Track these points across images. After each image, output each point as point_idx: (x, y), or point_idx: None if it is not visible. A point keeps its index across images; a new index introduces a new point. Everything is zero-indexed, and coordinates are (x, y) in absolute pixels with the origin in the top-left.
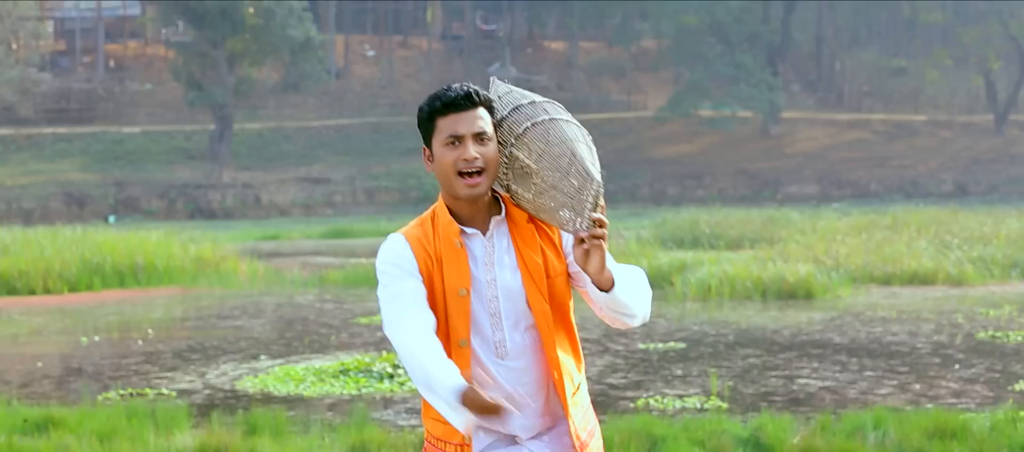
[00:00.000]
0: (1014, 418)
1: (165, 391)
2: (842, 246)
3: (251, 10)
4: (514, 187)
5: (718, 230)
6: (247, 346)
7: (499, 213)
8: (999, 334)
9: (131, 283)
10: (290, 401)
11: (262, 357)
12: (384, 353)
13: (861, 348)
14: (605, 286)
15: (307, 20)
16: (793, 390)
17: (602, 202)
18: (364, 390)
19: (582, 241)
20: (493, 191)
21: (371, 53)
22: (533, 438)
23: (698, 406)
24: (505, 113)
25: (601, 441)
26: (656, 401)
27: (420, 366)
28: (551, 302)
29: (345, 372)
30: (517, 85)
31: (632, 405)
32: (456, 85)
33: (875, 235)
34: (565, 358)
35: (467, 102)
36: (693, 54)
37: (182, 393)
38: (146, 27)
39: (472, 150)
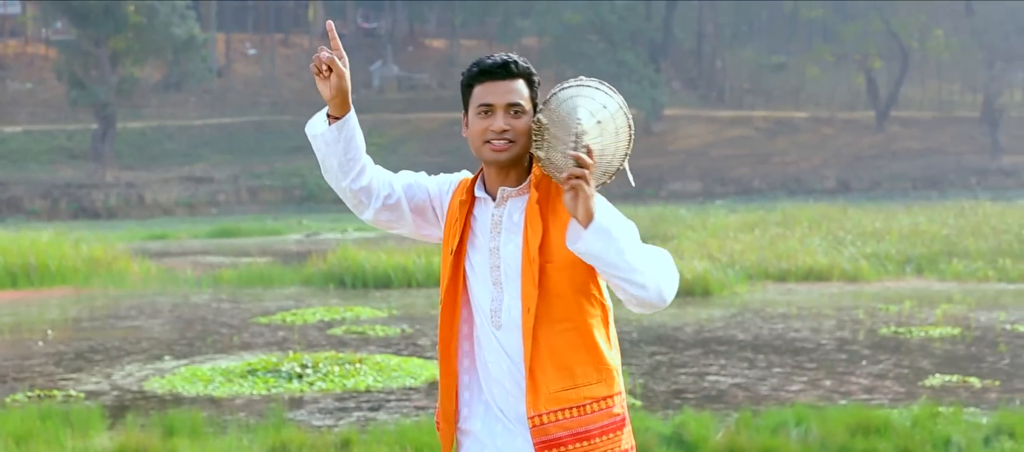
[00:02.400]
0: (933, 413)
1: (73, 392)
2: (735, 243)
3: (133, 8)
4: (539, 153)
5: None
6: (149, 346)
7: (518, 186)
8: (902, 330)
9: (24, 284)
10: (200, 402)
11: (166, 358)
12: (291, 353)
13: (766, 345)
14: (586, 223)
15: (190, 18)
16: (705, 387)
17: (584, 142)
18: (274, 390)
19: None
20: (528, 166)
21: (252, 51)
22: (517, 419)
23: None
24: (551, 91)
25: None
26: None
27: None
28: (544, 285)
29: (253, 372)
30: (399, 83)
31: None
32: (498, 54)
33: (767, 232)
34: (563, 350)
35: (503, 71)
36: (576, 52)
37: (90, 394)
38: (27, 26)
39: (501, 121)
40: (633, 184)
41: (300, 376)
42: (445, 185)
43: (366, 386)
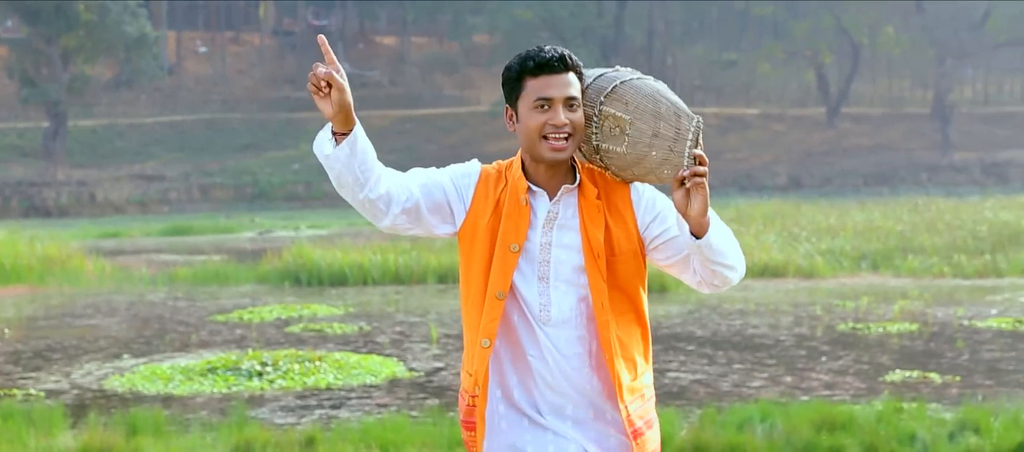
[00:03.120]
0: (897, 409)
1: (33, 392)
2: None
3: (84, 7)
4: (604, 146)
5: None
6: (107, 345)
7: (573, 182)
8: (859, 326)
9: None
10: (161, 400)
11: (125, 356)
12: (250, 351)
13: (725, 341)
14: (703, 232)
15: (142, 16)
16: (666, 383)
17: (702, 139)
18: (234, 388)
19: (682, 183)
20: (572, 160)
21: (203, 49)
22: (561, 418)
23: None
24: (591, 79)
25: (659, 434)
26: None
27: None
28: (610, 280)
29: (213, 370)
30: (350, 81)
31: None
32: (549, 47)
33: None
34: (627, 341)
35: (561, 65)
36: (527, 48)
37: (50, 393)
38: None
39: (562, 115)
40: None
41: (260, 374)
42: (462, 176)
43: (326, 384)
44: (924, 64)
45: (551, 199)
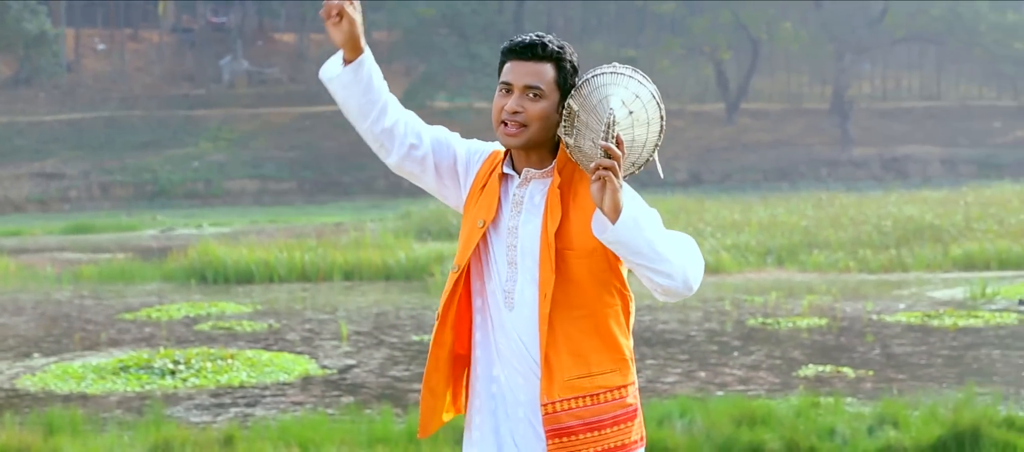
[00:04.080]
0: (814, 403)
1: None
2: None
3: None
4: (566, 139)
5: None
6: (16, 344)
7: (542, 168)
8: (769, 321)
9: None
10: (75, 399)
11: (35, 355)
12: (162, 349)
13: (636, 337)
14: (612, 219)
15: (41, 13)
16: None
17: (615, 132)
18: (148, 387)
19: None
20: (554, 148)
21: (102, 47)
22: (525, 402)
23: None
24: (584, 76)
25: (625, 439)
26: None
27: None
28: (564, 272)
29: (125, 369)
30: (249, 78)
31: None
32: (531, 34)
33: None
34: (578, 336)
35: (528, 52)
36: (427, 46)
37: None
38: None
39: (514, 102)
40: (661, 175)
41: (173, 372)
42: (475, 152)
43: (240, 382)
44: (823, 60)
45: (520, 184)
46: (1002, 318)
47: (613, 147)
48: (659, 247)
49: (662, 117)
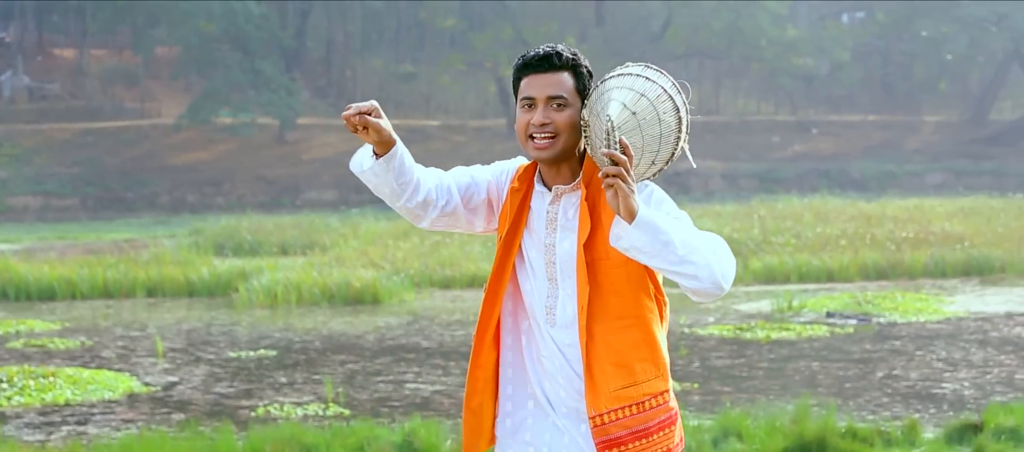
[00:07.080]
0: None
1: None
2: (396, 250)
3: None
4: (584, 146)
5: (259, 237)
6: None
7: (572, 181)
8: None
9: None
10: None
11: None
12: None
13: (454, 352)
14: (628, 220)
15: None
16: (408, 395)
17: (616, 137)
18: None
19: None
20: (581, 159)
21: None
22: (567, 415)
23: (321, 413)
24: (594, 83)
25: (668, 446)
26: (277, 409)
27: None
28: (599, 283)
29: None
30: (29, 94)
31: (252, 414)
32: (544, 45)
33: (426, 239)
34: (621, 347)
35: (544, 64)
36: (211, 62)
37: None
38: None
39: (540, 115)
40: (694, 165)
41: None
42: (502, 175)
43: (65, 400)
44: (605, 74)
45: (552, 200)
46: (813, 330)
47: (616, 153)
48: (679, 249)
49: (679, 109)
